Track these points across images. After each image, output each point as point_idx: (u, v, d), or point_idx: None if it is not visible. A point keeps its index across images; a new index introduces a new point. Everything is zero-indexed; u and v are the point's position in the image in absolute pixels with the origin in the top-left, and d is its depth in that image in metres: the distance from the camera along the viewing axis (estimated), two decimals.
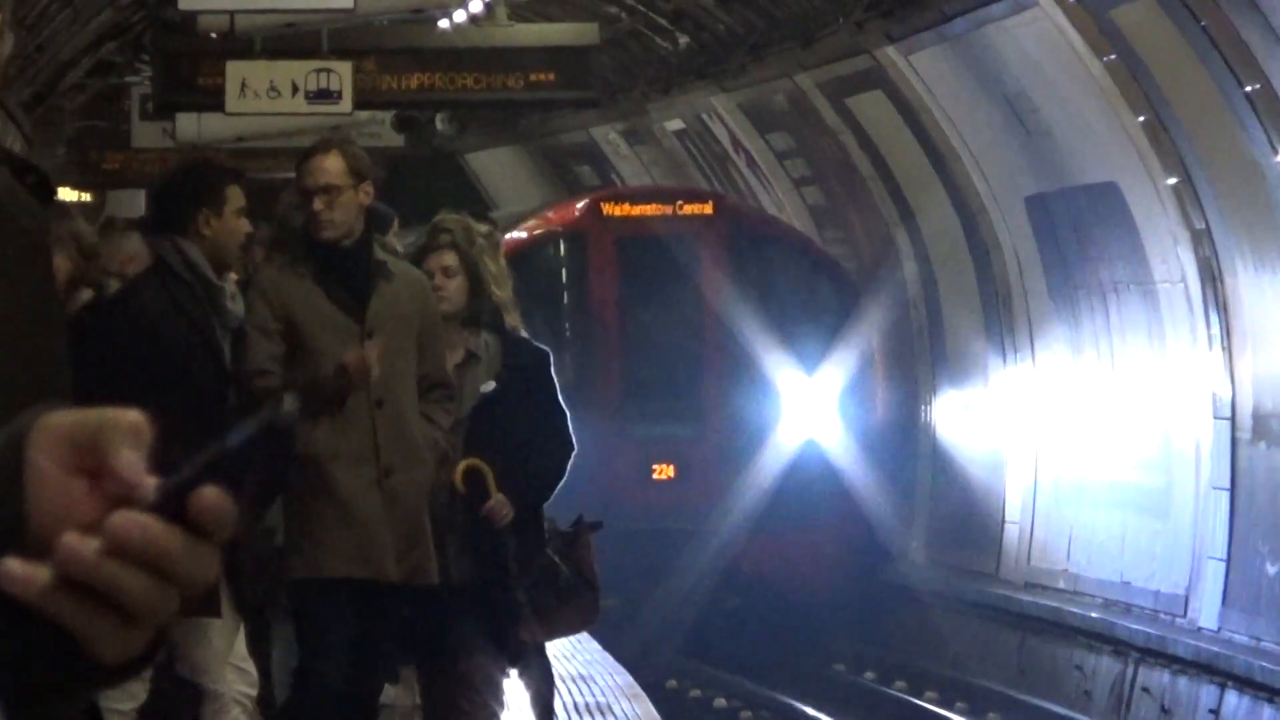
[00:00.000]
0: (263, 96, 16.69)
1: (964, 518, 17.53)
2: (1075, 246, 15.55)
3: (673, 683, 17.73)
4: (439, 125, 25.68)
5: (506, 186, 29.44)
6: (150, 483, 1.30)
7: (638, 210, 18.58)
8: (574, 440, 7.51)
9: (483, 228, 8.19)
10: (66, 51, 19.00)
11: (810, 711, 15.30)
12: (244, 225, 7.12)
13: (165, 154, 22.74)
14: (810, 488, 17.99)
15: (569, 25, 19.47)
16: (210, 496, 1.31)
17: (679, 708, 17.13)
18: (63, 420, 1.34)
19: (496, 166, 29.68)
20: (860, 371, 18.51)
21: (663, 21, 20.86)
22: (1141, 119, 14.21)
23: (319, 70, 16.70)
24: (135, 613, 1.32)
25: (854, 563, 18.44)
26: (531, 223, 19.88)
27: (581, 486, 16.71)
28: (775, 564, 18.06)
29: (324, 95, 16.61)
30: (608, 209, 18.62)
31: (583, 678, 9.88)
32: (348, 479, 6.95)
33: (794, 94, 19.43)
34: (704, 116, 21.81)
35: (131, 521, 1.31)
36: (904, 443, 18.71)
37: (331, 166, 7.04)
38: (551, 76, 17.80)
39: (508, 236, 19.08)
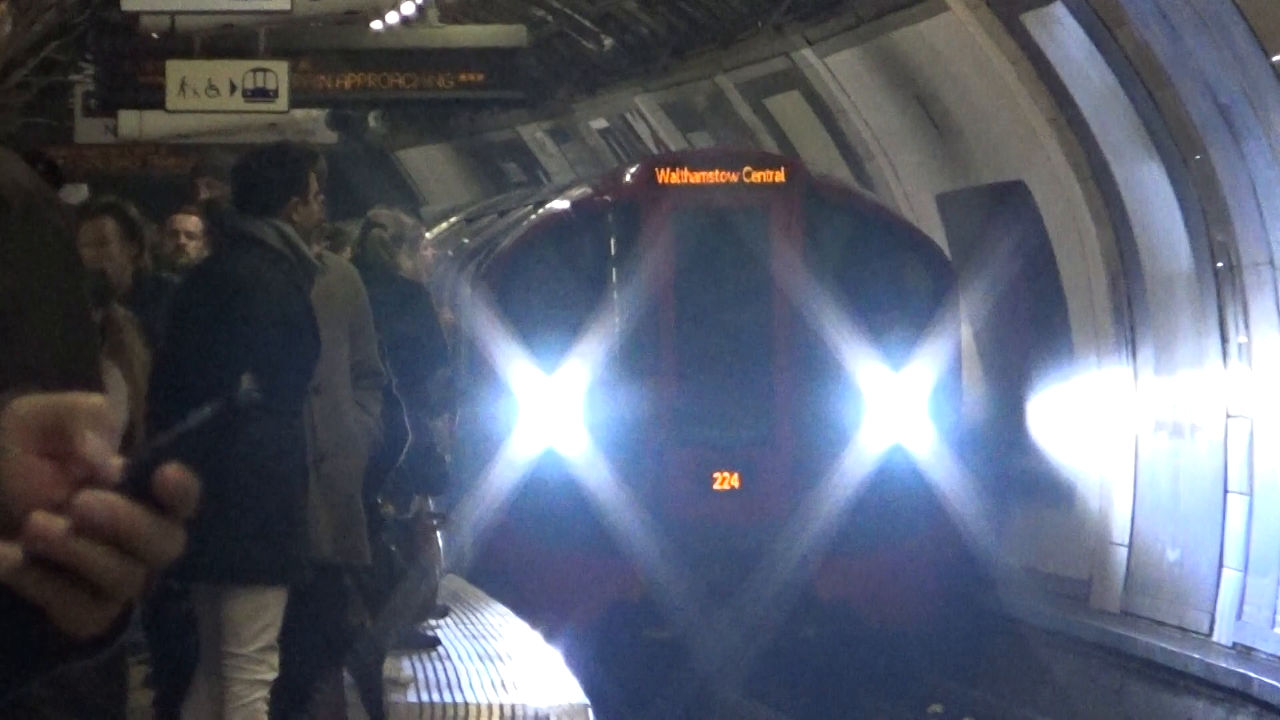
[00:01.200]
0: (202, 95, 18.24)
1: None
2: (984, 243, 16.93)
3: None
4: (371, 123, 27.71)
5: (436, 182, 32.09)
6: (115, 463, 1.58)
7: (698, 178, 17.76)
8: (409, 429, 8.25)
9: (410, 221, 10.31)
10: (11, 50, 20.09)
11: None
12: (320, 208, 7.95)
13: (107, 149, 25.59)
14: (896, 501, 17.33)
15: (497, 27, 20.88)
16: (172, 474, 1.58)
17: None
18: (29, 406, 1.61)
19: (427, 163, 32.03)
20: (954, 367, 17.68)
21: (588, 24, 22.42)
22: (1049, 119, 15.93)
23: (256, 70, 18.15)
24: (104, 588, 1.60)
25: (947, 588, 17.60)
26: (576, 193, 19.47)
27: (631, 497, 17.05)
28: (856, 588, 17.43)
29: (261, 94, 18.08)
30: (664, 176, 17.81)
31: None
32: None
33: (714, 94, 21.33)
34: (627, 115, 23.70)
35: (97, 500, 1.59)
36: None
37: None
38: (480, 77, 19.44)
39: (548, 207, 18.92)
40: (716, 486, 17.48)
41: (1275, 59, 12.61)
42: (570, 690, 11.61)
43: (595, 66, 23.25)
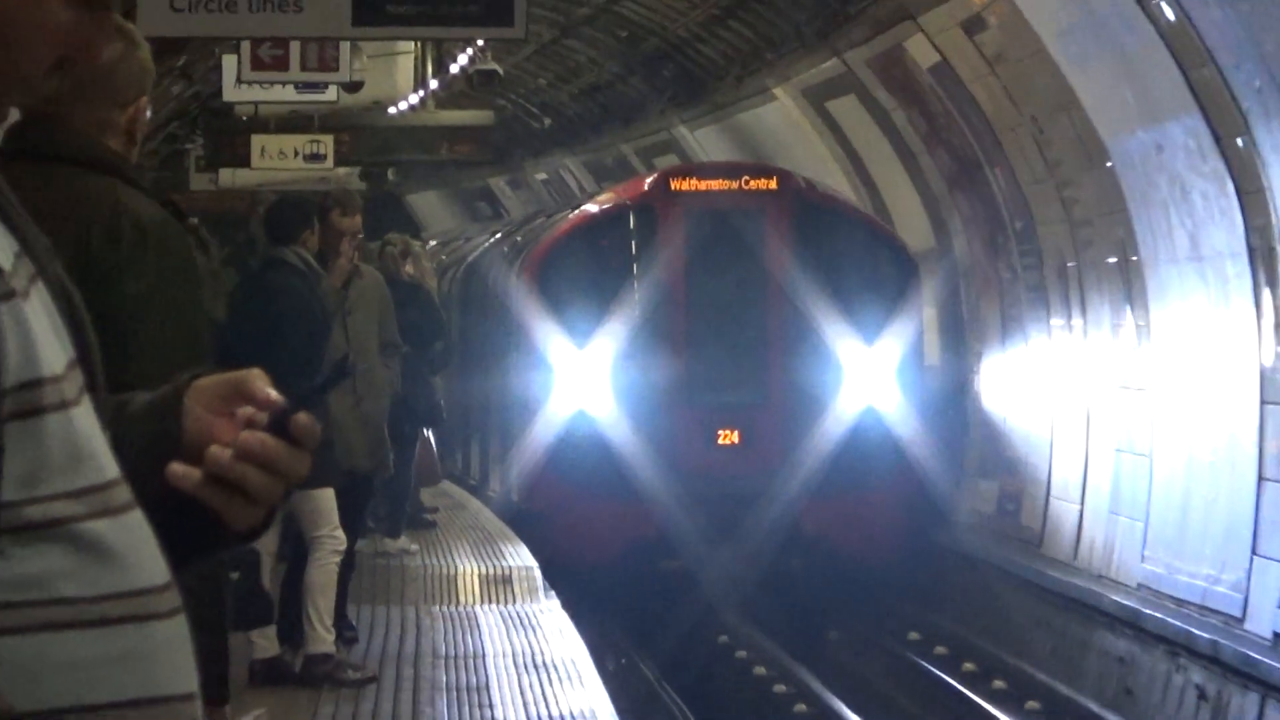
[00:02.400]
0: (274, 158, 24.34)
1: None
2: None
3: (724, 638, 17.78)
4: (390, 176, 35.37)
5: (431, 217, 41.74)
6: (267, 408, 1.96)
7: (704, 185, 18.52)
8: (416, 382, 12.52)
9: (416, 243, 14.78)
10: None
11: (834, 700, 15.08)
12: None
13: (211, 194, 29.80)
14: (869, 453, 17.83)
15: (474, 111, 26.54)
16: (302, 419, 1.96)
17: (726, 666, 17.47)
18: (208, 381, 2.03)
19: (425, 203, 42.27)
20: (916, 342, 18.36)
21: (534, 110, 30.14)
22: (844, 171, 20.52)
23: (312, 141, 24.41)
24: (255, 497, 1.96)
25: (910, 526, 18.26)
26: (603, 197, 20.13)
27: (648, 450, 17.77)
28: (835, 526, 17.95)
29: (315, 158, 24.46)
30: (676, 184, 18.60)
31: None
32: (336, 406, 9.71)
33: (619, 156, 28.13)
34: (560, 171, 31.57)
35: (253, 437, 1.95)
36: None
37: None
38: (464, 147, 25.91)
39: (580, 209, 20.18)
40: (720, 442, 18.15)
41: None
42: (526, 555, 15.15)
43: (539, 139, 31.00)
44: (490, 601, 12.90)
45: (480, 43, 20.82)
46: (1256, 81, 10.99)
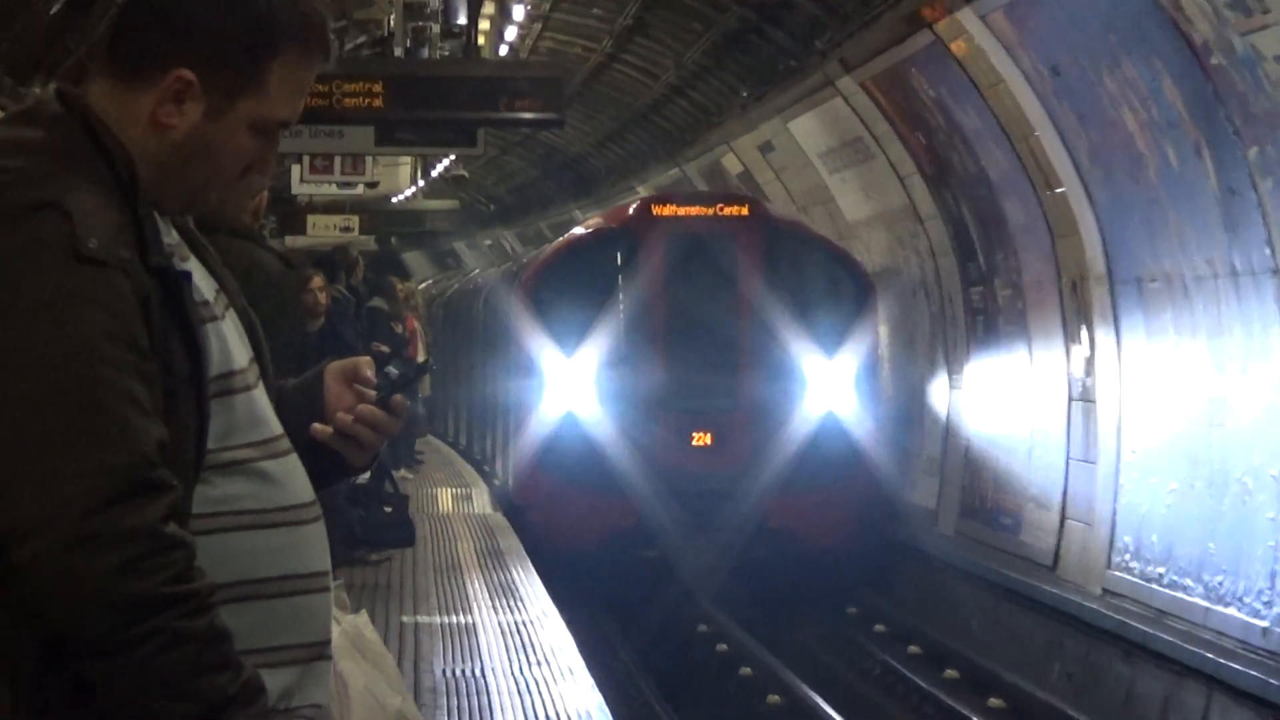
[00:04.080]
0: (321, 230, 32.67)
1: None
2: None
3: (704, 628, 18.05)
4: (392, 241, 45.67)
5: (418, 267, 54.84)
6: (368, 386, 2.90)
7: (683, 211, 18.94)
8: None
9: (410, 284, 21.60)
10: None
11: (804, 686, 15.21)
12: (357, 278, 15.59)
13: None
14: (828, 454, 18.30)
15: (446, 200, 40.22)
16: (398, 398, 2.88)
17: (698, 647, 17.72)
18: (337, 365, 2.91)
19: (414, 259, 55.46)
20: (872, 353, 18.79)
21: (484, 200, 43.34)
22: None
23: (345, 219, 33.28)
24: (365, 446, 2.88)
25: (864, 520, 18.73)
26: (591, 222, 20.62)
27: (630, 449, 18.33)
28: (798, 520, 18.38)
29: (346, 229, 32.80)
30: (657, 210, 19.03)
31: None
32: None
33: (537, 230, 37.81)
34: (500, 239, 43.55)
35: (366, 408, 2.87)
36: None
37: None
38: (439, 223, 40.95)
39: (570, 233, 20.82)
40: (694, 443, 18.52)
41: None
42: (488, 503, 18.53)
43: (487, 219, 44.43)
44: (462, 515, 17.32)
45: (452, 157, 28.42)
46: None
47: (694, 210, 19.03)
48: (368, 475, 11.45)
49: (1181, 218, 12.32)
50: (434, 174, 32.37)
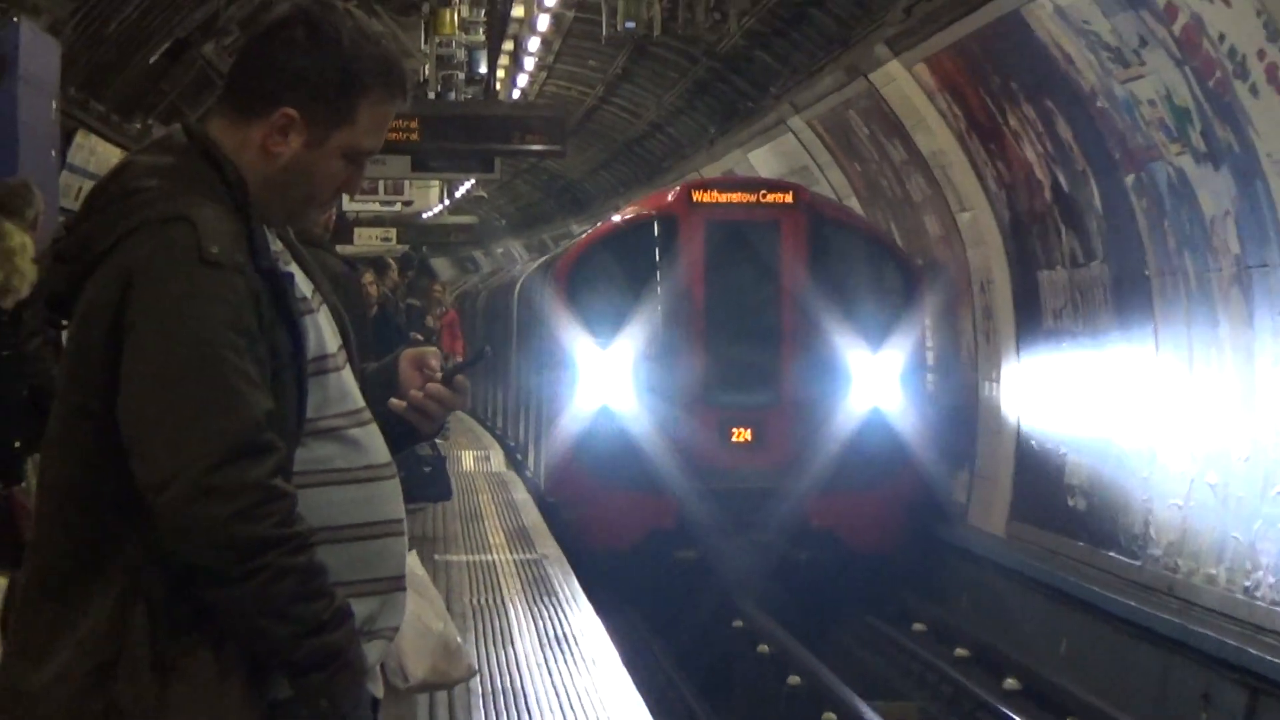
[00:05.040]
0: (365, 240, 39.10)
1: None
2: None
3: (739, 623, 18.58)
4: (424, 250, 47.12)
5: (442, 270, 58.55)
6: (437, 370, 3.77)
7: (724, 197, 19.34)
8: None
9: (437, 285, 25.61)
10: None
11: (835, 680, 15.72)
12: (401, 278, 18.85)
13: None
14: (873, 452, 18.72)
15: (468, 215, 50.93)
16: (461, 378, 3.75)
17: (738, 650, 18.23)
18: (410, 353, 3.79)
19: (440, 265, 59.13)
20: (920, 348, 19.21)
21: (498, 216, 55.40)
22: None
23: (385, 231, 40.57)
24: (433, 418, 3.77)
25: (911, 521, 19.12)
26: (629, 208, 21.01)
27: (668, 446, 18.89)
28: (841, 520, 18.83)
29: (386, 239, 39.84)
30: (698, 196, 19.41)
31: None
32: None
33: (541, 241, 48.33)
34: (511, 249, 55.11)
35: (435, 386, 3.74)
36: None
37: None
38: (461, 235, 50.81)
39: (605, 220, 21.15)
40: (734, 439, 18.91)
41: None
42: (503, 461, 22.72)
43: (499, 231, 56.13)
44: (483, 473, 21.27)
45: (473, 181, 37.53)
46: None
47: (736, 196, 19.44)
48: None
49: (1070, 231, 16.18)
50: (458, 194, 43.14)
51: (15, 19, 12.78)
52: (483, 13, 26.61)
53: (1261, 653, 12.57)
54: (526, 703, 8.79)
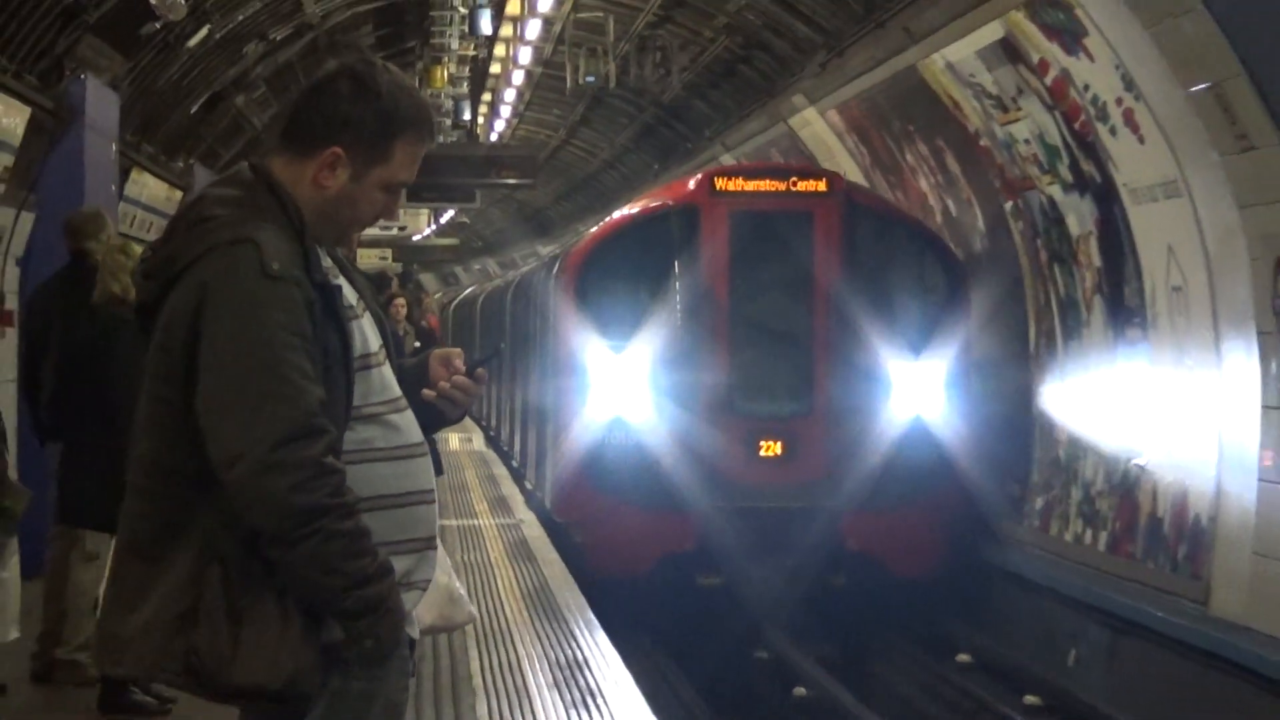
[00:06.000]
0: (365, 259, 49.47)
1: None
2: None
3: (764, 654, 19.21)
4: (415, 267, 63.10)
5: (430, 283, 76.77)
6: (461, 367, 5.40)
7: (751, 185, 19.90)
8: None
9: (426, 295, 41.79)
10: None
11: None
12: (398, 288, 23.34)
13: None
14: (914, 467, 19.31)
15: (450, 238, 70.03)
16: (480, 371, 5.40)
17: (767, 687, 18.86)
18: (437, 352, 5.43)
19: (427, 280, 78.63)
20: (965, 351, 19.78)
21: (476, 238, 76.12)
22: None
23: (382, 251, 56.57)
24: (459, 405, 5.41)
25: (958, 542, 19.78)
26: (645, 198, 21.63)
27: (689, 461, 19.55)
28: (880, 542, 19.40)
29: (383, 258, 54.96)
30: (721, 184, 19.98)
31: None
32: None
33: (512, 259, 67.05)
34: (485, 266, 78.15)
35: (459, 378, 5.37)
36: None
37: None
38: (447, 254, 74.32)
39: (620, 211, 21.45)
40: (762, 453, 19.38)
41: None
42: (484, 442, 31.07)
43: (477, 251, 77.47)
44: (466, 451, 28.77)
45: (456, 209, 50.54)
46: None
47: (764, 184, 20.05)
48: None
49: (958, 248, 21.39)
50: (443, 220, 62.69)
51: (82, 76, 17.65)
52: (467, 69, 38.74)
53: None
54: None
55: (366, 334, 5.06)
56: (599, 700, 10.89)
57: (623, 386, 19.65)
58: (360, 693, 4.87)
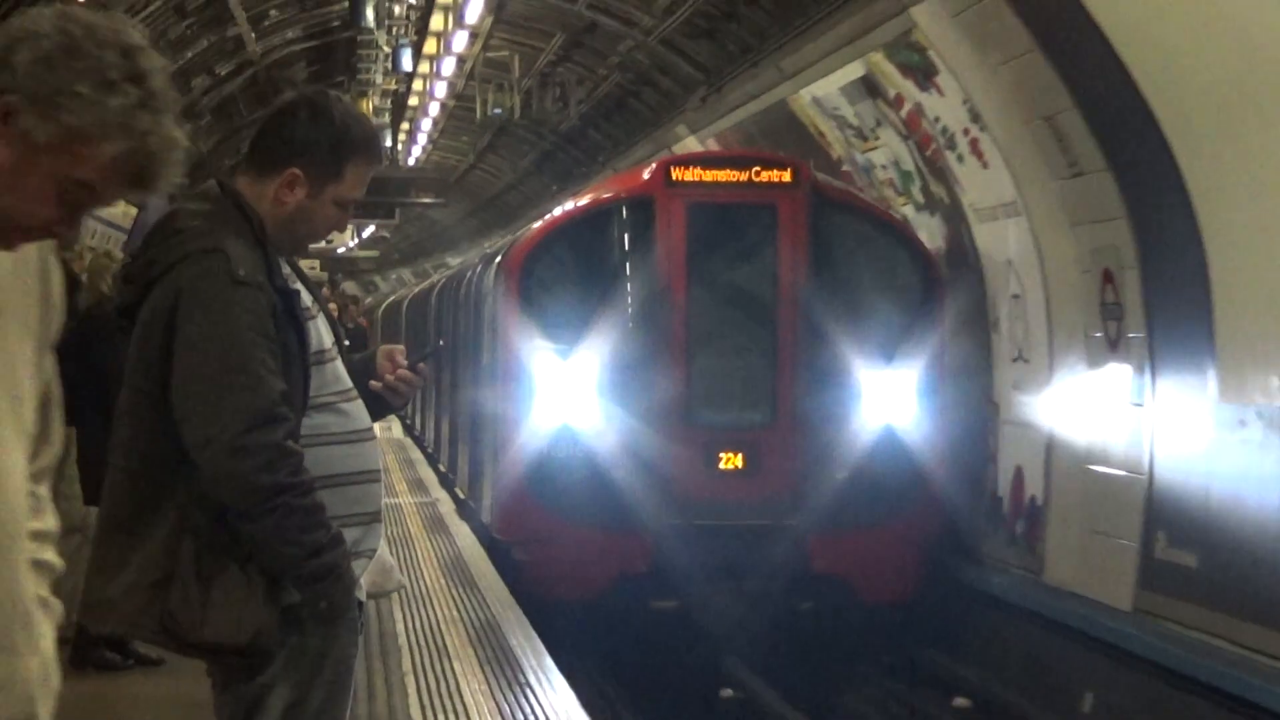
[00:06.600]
0: (311, 270, 48.15)
1: None
2: None
3: (728, 692, 19.80)
4: (340, 277, 78.25)
5: (350, 291, 73.15)
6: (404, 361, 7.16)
7: (710, 175, 20.54)
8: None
9: (356, 301, 48.02)
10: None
11: None
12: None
13: None
14: (886, 483, 19.95)
15: (372, 250, 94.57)
16: (422, 366, 7.23)
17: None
18: (383, 348, 7.20)
19: (349, 286, 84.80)
20: (940, 356, 20.42)
21: (393, 251, 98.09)
22: None
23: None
24: (402, 395, 7.21)
25: (933, 563, 20.53)
26: (594, 190, 22.31)
27: (642, 474, 19.49)
28: (849, 563, 20.03)
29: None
30: (678, 174, 20.61)
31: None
32: None
33: (424, 269, 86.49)
34: (401, 274, 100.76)
35: (403, 371, 7.16)
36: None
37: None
38: (368, 265, 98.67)
39: (564, 206, 21.96)
40: (721, 466, 19.96)
41: None
42: (402, 430, 40.89)
43: (394, 262, 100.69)
44: (385, 440, 33.83)
45: (376, 225, 67.65)
46: None
47: (724, 174, 20.71)
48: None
49: None
50: (364, 235, 79.85)
51: None
52: (389, 101, 49.31)
53: None
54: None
55: (321, 332, 6.61)
56: (513, 659, 13.55)
57: (570, 394, 20.16)
58: (315, 649, 6.40)
